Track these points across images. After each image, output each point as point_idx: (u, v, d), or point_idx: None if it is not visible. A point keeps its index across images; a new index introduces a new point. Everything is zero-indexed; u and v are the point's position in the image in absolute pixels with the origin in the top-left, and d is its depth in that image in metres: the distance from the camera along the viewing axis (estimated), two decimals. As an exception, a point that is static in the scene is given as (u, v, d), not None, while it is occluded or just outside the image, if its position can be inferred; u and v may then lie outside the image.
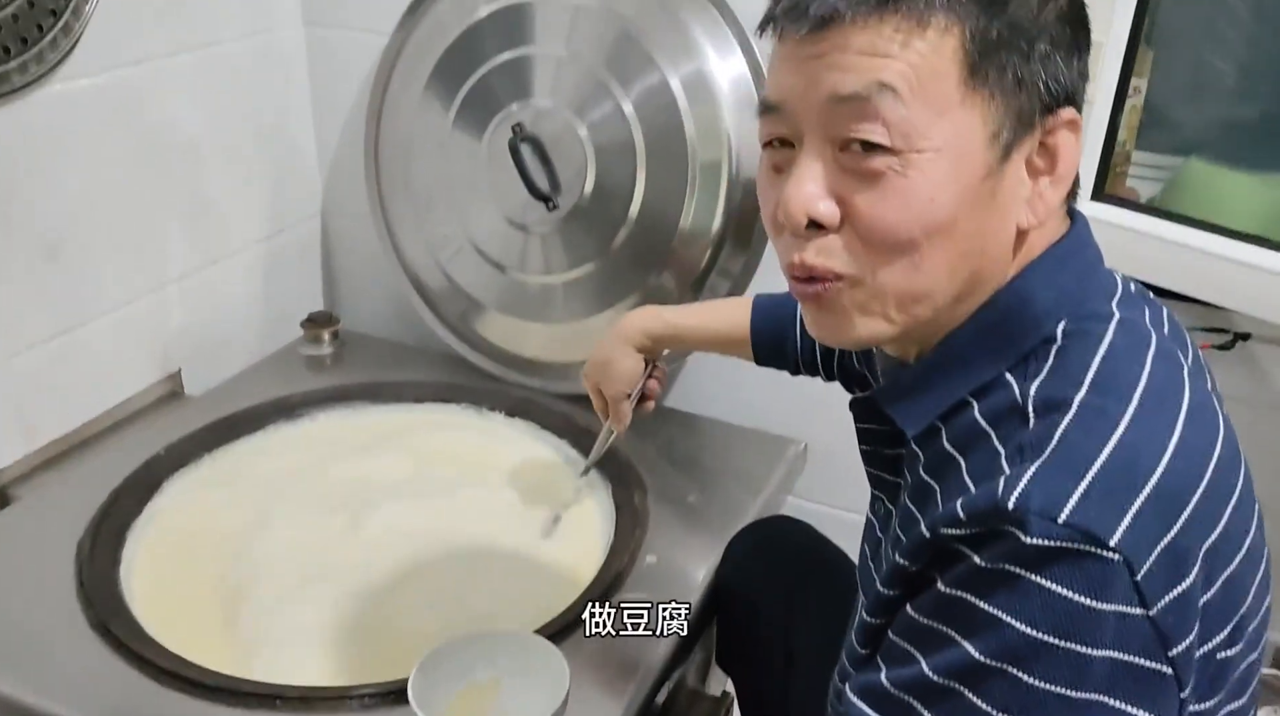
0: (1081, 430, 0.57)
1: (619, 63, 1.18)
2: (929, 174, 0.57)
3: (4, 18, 1.01)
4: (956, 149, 0.57)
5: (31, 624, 0.95)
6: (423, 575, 1.03)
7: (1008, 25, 0.57)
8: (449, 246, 1.33)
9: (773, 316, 1.01)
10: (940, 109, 0.57)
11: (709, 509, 1.12)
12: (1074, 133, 0.60)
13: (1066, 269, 0.63)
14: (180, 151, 1.28)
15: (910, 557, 0.61)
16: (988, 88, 0.57)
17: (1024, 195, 0.61)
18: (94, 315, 1.20)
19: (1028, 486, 0.55)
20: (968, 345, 0.63)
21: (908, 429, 0.66)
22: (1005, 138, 0.58)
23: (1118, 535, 0.53)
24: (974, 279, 0.62)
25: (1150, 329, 0.64)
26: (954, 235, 0.59)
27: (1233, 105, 1.23)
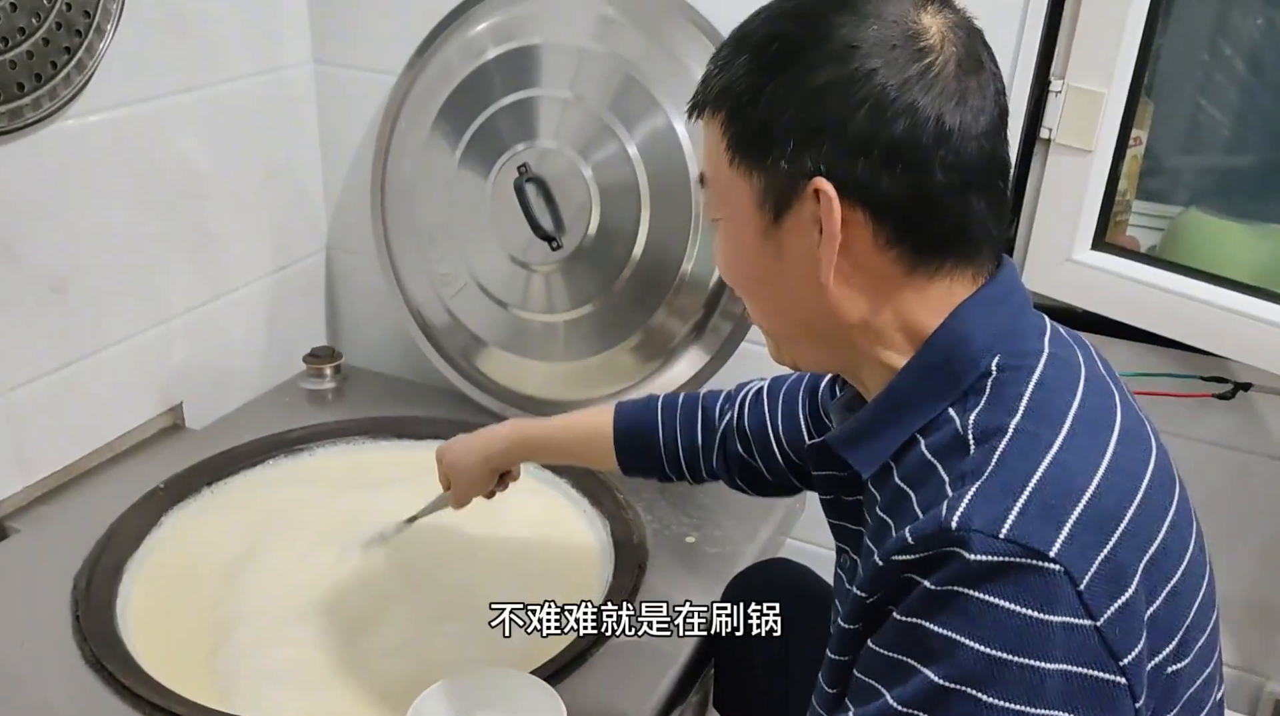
0: (1017, 452, 0.61)
1: (624, 105, 1.19)
2: (724, 238, 0.71)
3: (19, 54, 1.02)
4: (735, 216, 0.68)
5: (26, 658, 0.94)
6: (418, 613, 1.03)
7: (753, 110, 0.65)
8: (452, 283, 1.33)
9: (635, 420, 0.99)
10: (723, 185, 0.68)
11: (707, 549, 1.12)
12: (825, 201, 0.63)
13: (999, 309, 0.67)
14: (188, 187, 1.29)
15: (866, 588, 0.63)
16: (747, 163, 0.66)
17: (814, 256, 0.65)
18: (97, 348, 1.21)
19: (969, 506, 0.58)
20: (912, 386, 0.67)
21: (862, 470, 0.70)
22: (771, 204, 0.66)
23: (1056, 546, 0.56)
24: (819, 324, 0.68)
25: (1081, 363, 0.68)
26: (763, 286, 0.70)
27: (1230, 156, 1.25)
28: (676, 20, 1.20)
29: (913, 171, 0.63)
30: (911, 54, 0.62)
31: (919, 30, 0.63)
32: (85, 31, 1.08)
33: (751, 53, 0.65)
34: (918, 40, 0.62)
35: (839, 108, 0.62)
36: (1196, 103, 1.21)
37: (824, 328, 0.68)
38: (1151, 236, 1.21)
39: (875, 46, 0.62)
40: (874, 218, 0.64)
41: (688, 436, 0.98)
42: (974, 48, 0.64)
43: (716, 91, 0.67)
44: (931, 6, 0.64)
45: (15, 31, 1.01)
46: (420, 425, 1.32)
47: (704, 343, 1.24)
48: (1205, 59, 1.20)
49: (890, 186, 0.63)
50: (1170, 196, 1.23)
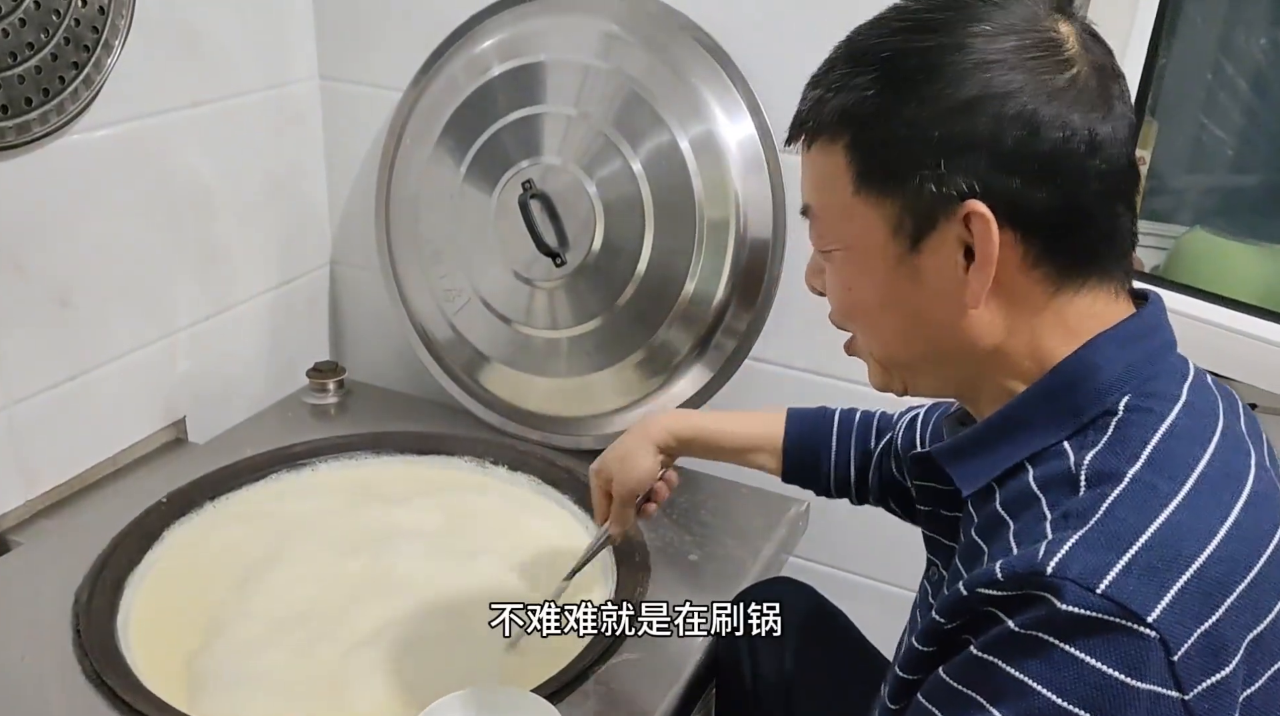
0: (1130, 504, 0.57)
1: (628, 122, 1.20)
2: (842, 267, 0.68)
3: (27, 70, 1.03)
4: (860, 246, 0.65)
5: (27, 673, 0.94)
6: (415, 630, 1.02)
7: (894, 134, 0.61)
8: (456, 299, 1.34)
9: (808, 430, 0.98)
10: (841, 214, 0.65)
11: (710, 568, 1.12)
12: (983, 224, 0.60)
13: (1136, 346, 0.64)
14: (194, 201, 1.29)
15: (946, 615, 0.61)
16: (877, 191, 0.63)
17: (959, 280, 0.63)
18: (101, 362, 1.21)
19: (1068, 553, 0.55)
20: (1028, 410, 0.64)
21: (963, 487, 0.67)
22: (907, 232, 0.63)
23: (1156, 612, 0.53)
24: (946, 354, 0.66)
25: (1220, 416, 0.64)
26: (888, 313, 0.67)
27: (1234, 176, 1.25)
28: (681, 38, 1.21)
29: (1067, 185, 0.60)
30: (1055, 64, 0.60)
31: (1058, 40, 0.60)
32: (93, 47, 1.08)
33: (879, 70, 0.61)
34: (1059, 50, 0.60)
35: (989, 124, 0.59)
36: (1200, 123, 1.22)
37: (953, 352, 0.66)
38: (1156, 256, 1.21)
39: (1018, 58, 0.59)
40: (1024, 236, 0.61)
41: (860, 451, 0.96)
42: (1108, 55, 0.63)
43: (835, 115, 0.63)
44: (1062, 15, 0.62)
45: (24, 47, 1.02)
46: (423, 440, 1.32)
47: (707, 360, 1.24)
48: (1209, 79, 1.20)
49: (1044, 202, 0.60)
50: (1175, 216, 1.23)
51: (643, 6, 1.22)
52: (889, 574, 1.32)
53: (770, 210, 1.20)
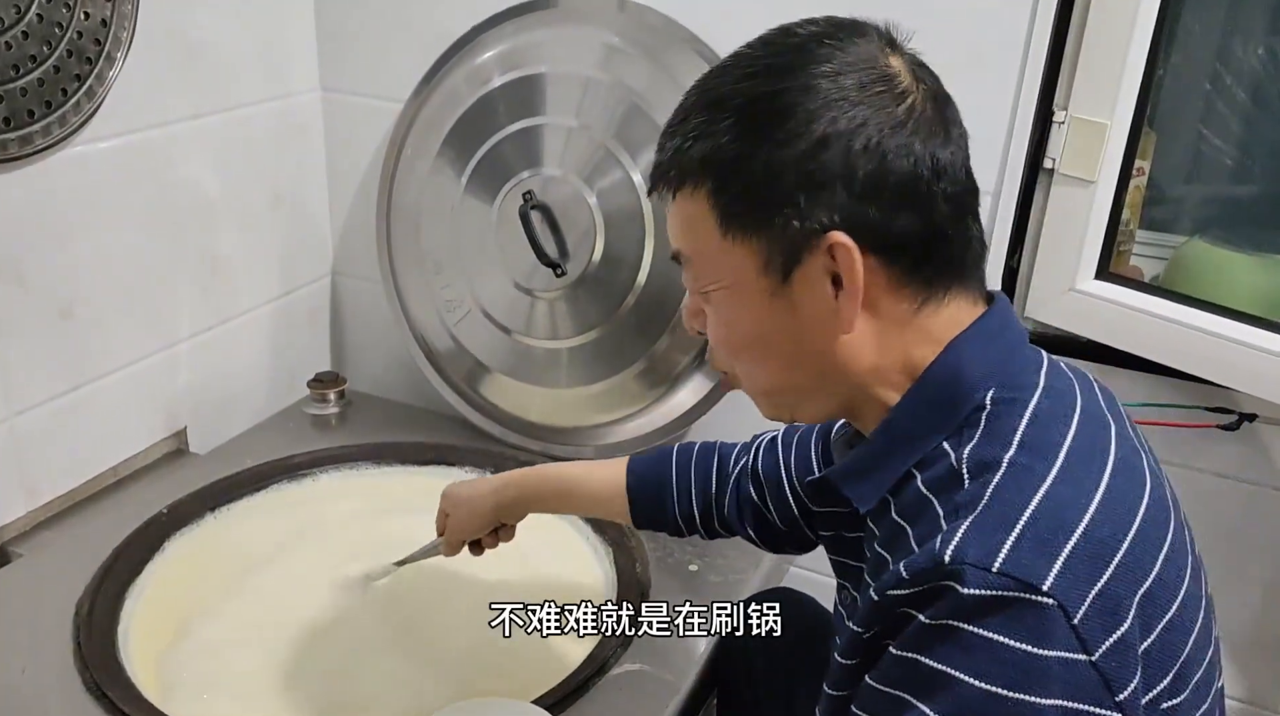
0: (1011, 485, 0.61)
1: (628, 134, 1.20)
2: (721, 307, 0.70)
3: (30, 82, 1.03)
4: (734, 284, 0.67)
5: (27, 685, 0.94)
6: (416, 640, 1.02)
7: (752, 174, 0.64)
8: (457, 310, 1.34)
9: (651, 470, 0.96)
10: (713, 257, 0.67)
11: (710, 578, 1.12)
12: (845, 253, 0.63)
13: (993, 344, 0.68)
14: (196, 213, 1.29)
15: (864, 623, 0.63)
16: (742, 230, 0.65)
17: (831, 307, 0.65)
18: (102, 373, 1.21)
19: (962, 540, 0.58)
20: (907, 421, 0.67)
21: (860, 505, 0.70)
22: (777, 266, 0.65)
23: (1049, 580, 0.57)
24: (829, 376, 0.68)
25: (1077, 396, 0.68)
26: (769, 345, 0.69)
27: (1233, 186, 1.25)
28: (681, 50, 1.21)
29: (920, 209, 0.64)
30: (893, 97, 0.63)
31: (892, 73, 0.64)
32: (96, 59, 1.09)
33: (735, 115, 0.64)
34: (894, 83, 0.64)
35: (841, 159, 0.62)
36: (1199, 133, 1.22)
37: (833, 375, 0.68)
38: (1155, 266, 1.22)
39: (860, 94, 0.63)
40: (887, 260, 0.64)
41: (701, 482, 0.95)
42: (938, 83, 0.67)
43: (696, 163, 0.66)
44: (892, 49, 0.66)
45: (27, 59, 1.02)
46: (424, 451, 1.32)
47: (707, 370, 1.24)
48: (1207, 89, 1.21)
49: (901, 226, 0.64)
50: (1173, 226, 1.23)
51: (643, 18, 1.23)
52: (890, 584, 1.31)
53: (770, 221, 1.20)
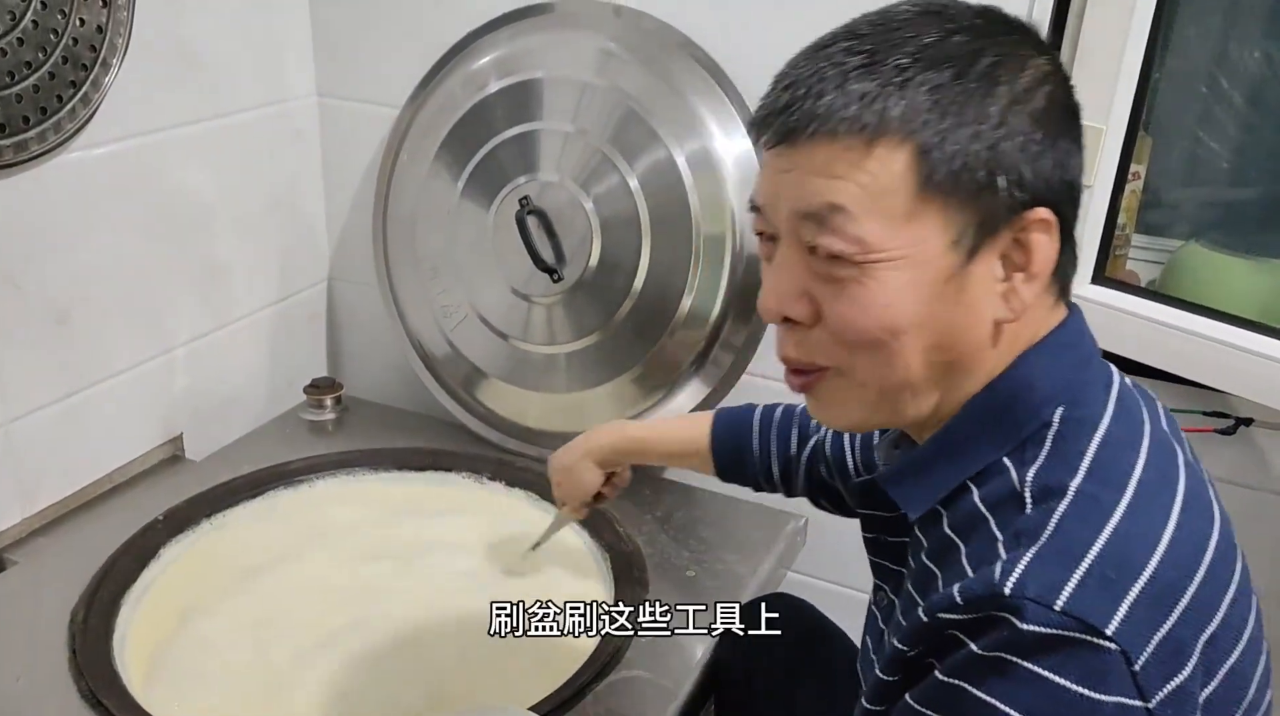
0: (1078, 518, 0.58)
1: (625, 139, 1.20)
2: (886, 281, 0.60)
3: (25, 88, 1.03)
4: (914, 257, 0.60)
5: (22, 694, 0.93)
6: (413, 648, 1.02)
7: (964, 138, 0.58)
8: (454, 315, 1.34)
9: (732, 432, 1.01)
10: (894, 222, 0.59)
11: (708, 583, 1.11)
12: (1046, 232, 0.61)
13: (1065, 358, 0.65)
14: (192, 218, 1.29)
15: (909, 642, 0.61)
16: (943, 197, 0.59)
17: (998, 290, 0.62)
18: (99, 379, 1.21)
19: (1024, 572, 0.56)
20: (968, 430, 0.64)
21: (910, 512, 0.67)
22: (967, 242, 0.60)
23: (1114, 624, 0.54)
24: (951, 369, 0.64)
25: (1146, 419, 0.65)
26: (921, 332, 0.61)
27: (1230, 190, 1.25)
28: (677, 55, 1.21)
29: (1077, 194, 0.63)
30: (1068, 89, 0.63)
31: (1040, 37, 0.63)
32: (91, 65, 1.09)
33: (956, 68, 0.58)
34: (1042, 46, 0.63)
35: (1050, 134, 0.60)
36: (1195, 137, 1.22)
37: (956, 372, 0.64)
38: (1151, 270, 1.22)
39: (1052, 75, 0.61)
40: (1063, 235, 0.62)
41: (782, 452, 0.98)
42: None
43: (898, 116, 0.58)
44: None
45: (21, 65, 1.02)
46: (421, 456, 1.32)
47: (705, 374, 1.24)
48: (1203, 93, 1.21)
49: (1072, 212, 0.62)
50: (1169, 230, 1.23)
51: (639, 23, 1.23)
52: (888, 589, 1.31)
53: (767, 225, 1.20)
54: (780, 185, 0.62)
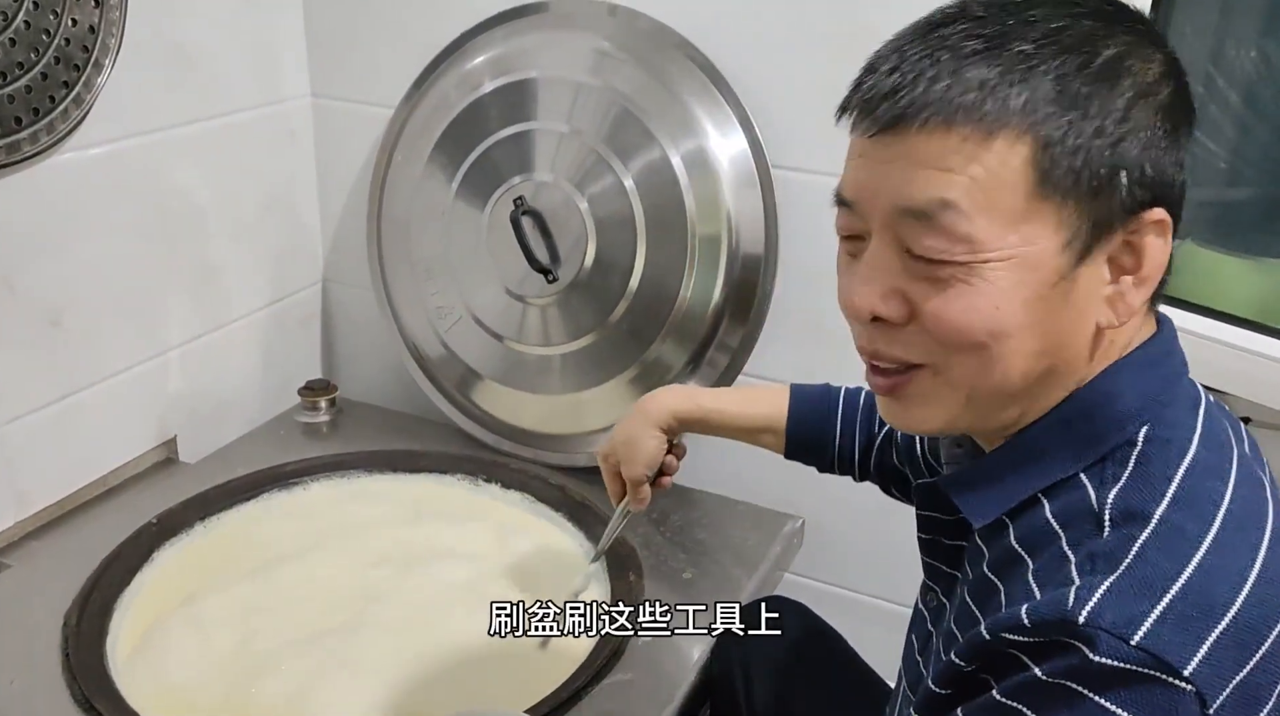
0: (1160, 548, 0.55)
1: (620, 139, 1.20)
2: (995, 283, 0.57)
3: (17, 89, 1.03)
4: (1025, 258, 0.56)
5: (15, 697, 0.93)
6: (408, 650, 1.02)
7: (1088, 132, 0.55)
8: (448, 316, 1.33)
9: (815, 409, 0.97)
10: (1008, 220, 0.56)
11: (704, 586, 1.11)
12: (1162, 234, 0.58)
13: (1153, 373, 0.61)
14: (186, 220, 1.29)
15: (966, 658, 0.58)
16: (1060, 196, 0.56)
17: (1104, 293, 0.59)
18: (93, 381, 1.20)
19: (1100, 602, 0.53)
20: (1044, 440, 0.61)
21: (975, 520, 0.64)
22: (1080, 244, 0.57)
23: (1193, 665, 0.51)
24: (1049, 373, 0.60)
25: (1234, 446, 0.62)
26: (1026, 336, 0.58)
27: (1226, 190, 1.25)
28: (672, 55, 1.21)
29: (1184, 195, 0.59)
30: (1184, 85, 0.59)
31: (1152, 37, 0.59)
32: (83, 66, 1.08)
33: (1081, 58, 0.55)
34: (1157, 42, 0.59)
35: (1170, 133, 0.57)
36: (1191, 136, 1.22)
37: (1049, 381, 0.60)
38: (1148, 269, 1.21)
39: (1172, 73, 0.58)
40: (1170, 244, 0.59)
41: (864, 435, 0.95)
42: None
43: (1020, 107, 0.55)
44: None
45: (14, 66, 1.02)
46: (416, 458, 1.31)
47: (701, 375, 1.24)
48: (1199, 91, 1.20)
49: (1180, 213, 0.59)
50: (1167, 230, 1.23)
51: (634, 23, 1.23)
52: (886, 590, 1.31)
53: (762, 225, 1.20)
54: (880, 177, 0.58)
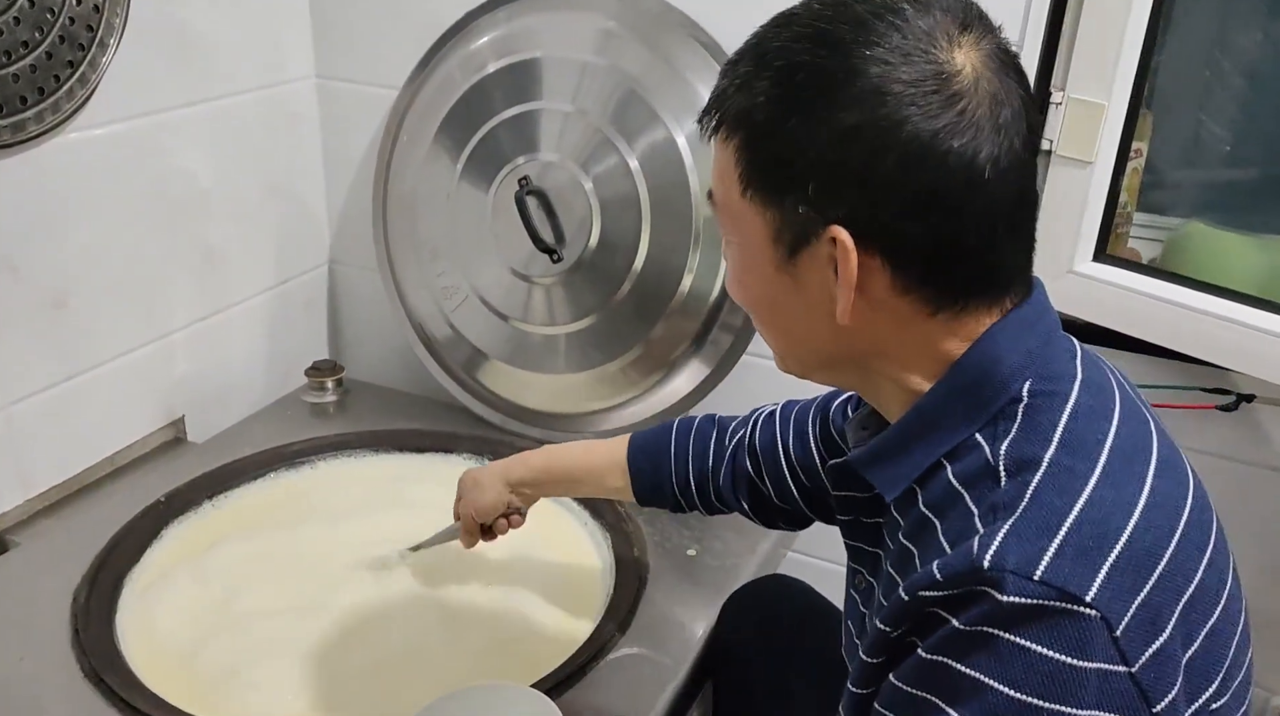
0: (1052, 488, 0.58)
1: (625, 118, 1.20)
2: (735, 259, 0.68)
3: (22, 69, 1.03)
4: (749, 243, 0.65)
5: (25, 673, 0.94)
6: (415, 628, 1.02)
7: (772, 149, 0.62)
8: (454, 297, 1.33)
9: (649, 441, 0.97)
10: (734, 211, 0.65)
11: (708, 562, 1.12)
12: (843, 251, 0.60)
13: (1031, 332, 0.64)
14: (191, 201, 1.29)
15: (891, 622, 0.61)
16: (761, 198, 0.63)
17: (832, 294, 0.63)
18: (99, 362, 1.21)
19: (1002, 545, 0.56)
20: (938, 407, 0.64)
21: (886, 493, 0.67)
22: (786, 240, 0.63)
23: (1093, 591, 0.55)
24: (835, 353, 0.67)
25: (1114, 388, 0.65)
26: (774, 312, 0.68)
27: (1230, 168, 1.24)
28: (677, 34, 1.21)
29: (941, 220, 0.60)
30: (945, 99, 0.58)
31: (952, 72, 0.59)
32: (88, 46, 1.08)
33: (774, 78, 0.61)
34: (951, 83, 0.58)
35: (867, 154, 0.58)
36: (1196, 115, 1.21)
37: (839, 355, 0.67)
38: (1152, 248, 1.21)
39: (908, 90, 0.58)
40: (894, 264, 0.61)
41: (699, 455, 0.95)
42: (1007, 83, 0.61)
43: (733, 114, 0.63)
44: (966, 37, 0.60)
45: (18, 45, 1.02)
46: (422, 438, 1.32)
47: (705, 355, 1.24)
48: (1205, 72, 1.20)
49: (914, 236, 0.60)
50: (1171, 208, 1.23)
51: (639, 3, 1.22)
52: (889, 569, 1.31)
53: (767, 205, 1.20)
54: None
